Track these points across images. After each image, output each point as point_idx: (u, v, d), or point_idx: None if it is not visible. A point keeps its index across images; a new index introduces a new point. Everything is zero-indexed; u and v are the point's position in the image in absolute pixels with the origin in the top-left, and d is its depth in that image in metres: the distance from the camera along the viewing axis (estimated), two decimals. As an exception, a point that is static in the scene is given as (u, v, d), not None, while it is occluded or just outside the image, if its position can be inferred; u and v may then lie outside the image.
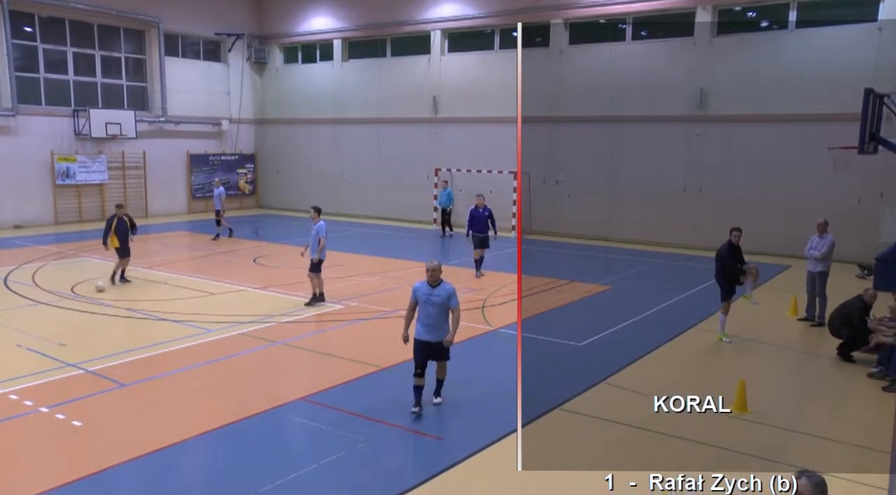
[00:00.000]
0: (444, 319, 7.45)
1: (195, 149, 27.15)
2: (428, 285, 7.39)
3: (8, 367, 8.89)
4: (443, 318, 7.43)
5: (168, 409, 7.72)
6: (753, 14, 19.37)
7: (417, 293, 7.43)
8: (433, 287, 7.38)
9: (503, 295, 13.26)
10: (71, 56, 23.87)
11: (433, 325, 7.41)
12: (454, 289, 7.45)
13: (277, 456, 6.59)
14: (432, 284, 7.37)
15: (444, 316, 7.43)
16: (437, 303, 7.35)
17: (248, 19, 28.45)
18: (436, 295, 7.36)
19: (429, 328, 7.42)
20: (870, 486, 5.97)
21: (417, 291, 7.44)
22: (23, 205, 22.44)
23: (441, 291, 7.38)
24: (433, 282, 7.38)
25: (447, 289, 7.39)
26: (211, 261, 16.97)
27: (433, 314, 7.37)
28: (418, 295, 7.42)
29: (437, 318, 7.39)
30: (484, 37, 23.57)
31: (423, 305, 7.39)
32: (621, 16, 20.65)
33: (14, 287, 13.60)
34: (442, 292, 7.37)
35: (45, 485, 5.96)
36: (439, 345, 7.46)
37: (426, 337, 7.46)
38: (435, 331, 7.44)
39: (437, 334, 7.45)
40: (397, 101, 25.04)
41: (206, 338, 10.40)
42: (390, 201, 25.54)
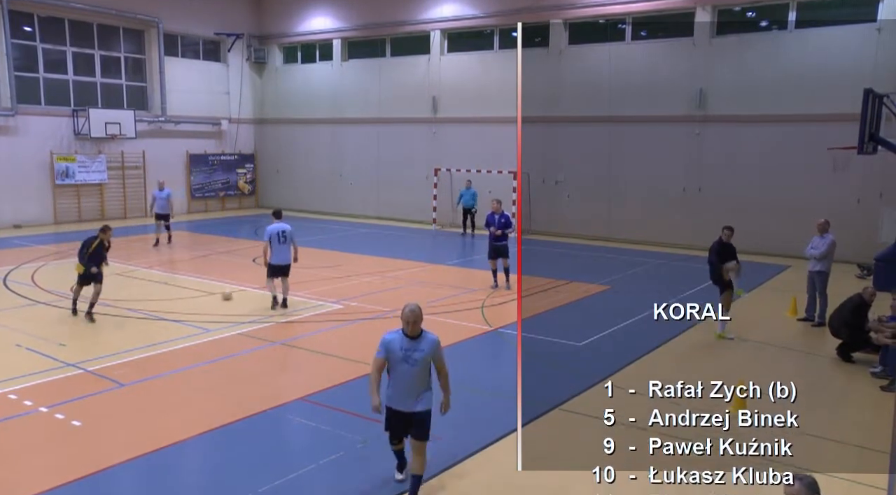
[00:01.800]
0: (426, 382, 5.76)
1: (195, 149, 27.14)
2: (405, 337, 5.66)
3: (7, 367, 8.89)
4: (425, 380, 5.75)
5: (167, 409, 7.71)
6: (753, 14, 19.37)
7: (390, 348, 5.64)
8: (412, 339, 5.66)
9: (503, 295, 13.25)
10: (70, 56, 23.86)
11: (411, 390, 5.71)
12: (439, 340, 5.80)
13: (277, 456, 6.58)
14: (412, 336, 5.66)
15: (426, 377, 5.74)
16: (420, 360, 5.64)
17: (248, 19, 28.44)
18: (418, 350, 5.64)
19: (406, 394, 5.71)
20: (869, 486, 5.97)
21: (390, 346, 5.65)
22: (22, 205, 22.42)
23: (424, 345, 5.67)
24: (413, 333, 5.66)
25: (431, 341, 5.71)
26: (211, 261, 16.95)
27: (413, 375, 5.66)
28: (391, 351, 5.64)
29: (417, 381, 5.70)
30: (484, 37, 23.56)
31: (399, 364, 5.65)
32: (621, 16, 20.64)
33: (13, 287, 13.60)
34: (426, 346, 5.67)
35: (44, 485, 5.95)
36: (421, 417, 5.76)
37: (403, 405, 5.73)
38: (414, 398, 5.72)
39: (418, 401, 5.73)
40: (397, 101, 25.03)
41: (205, 338, 10.39)
42: (390, 201, 25.53)
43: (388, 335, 5.70)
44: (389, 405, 5.78)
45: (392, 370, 5.70)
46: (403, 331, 5.67)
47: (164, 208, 18.75)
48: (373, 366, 5.74)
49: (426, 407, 5.78)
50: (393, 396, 5.76)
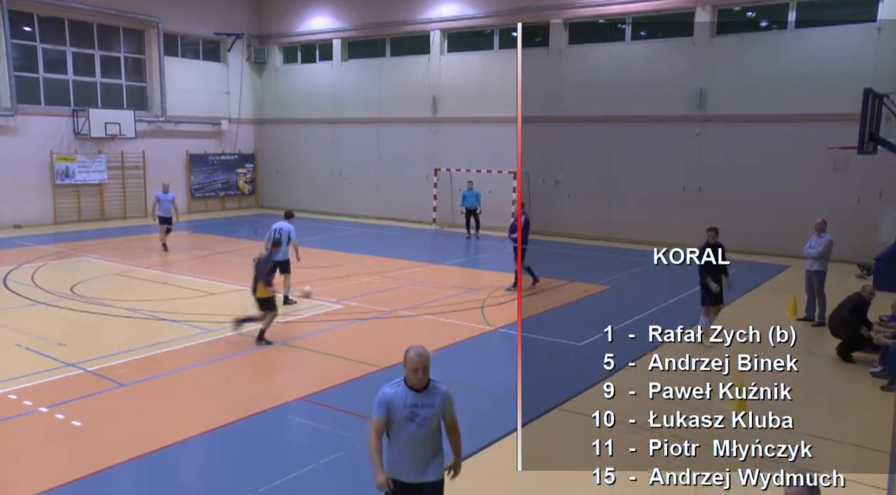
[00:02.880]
0: (437, 444, 4.60)
1: (194, 149, 27.13)
2: (409, 390, 4.47)
3: (7, 367, 8.89)
4: (435, 443, 4.58)
5: (167, 409, 7.71)
6: (753, 14, 19.38)
7: (392, 405, 4.45)
8: (419, 392, 4.48)
9: (503, 295, 13.25)
10: (70, 56, 23.86)
11: (419, 456, 4.53)
12: (450, 393, 4.60)
13: (277, 456, 6.59)
14: (418, 388, 4.48)
15: (436, 439, 4.58)
16: (430, 418, 4.48)
17: (248, 19, 28.44)
18: (426, 406, 4.48)
19: (413, 461, 4.52)
20: (869, 486, 5.97)
21: (392, 402, 4.45)
22: (22, 205, 22.42)
23: (434, 399, 4.50)
24: (421, 384, 4.48)
25: (443, 395, 4.54)
26: (211, 261, 16.95)
27: (421, 438, 4.49)
28: (394, 409, 4.45)
29: (426, 444, 4.53)
30: (483, 37, 23.56)
31: (403, 425, 4.46)
32: (621, 16, 20.64)
33: (13, 287, 13.59)
34: (436, 400, 4.51)
35: (44, 485, 5.95)
36: (433, 488, 4.59)
37: (409, 475, 4.52)
38: (422, 465, 4.54)
39: (427, 470, 4.55)
40: (397, 101, 25.03)
41: (205, 338, 10.39)
42: (390, 201, 25.53)
43: (388, 388, 4.50)
44: (391, 474, 4.51)
45: (394, 432, 4.50)
46: (406, 381, 4.47)
47: (167, 211, 17.74)
48: (371, 430, 4.49)
49: (438, 477, 4.59)
50: (396, 463, 4.53)
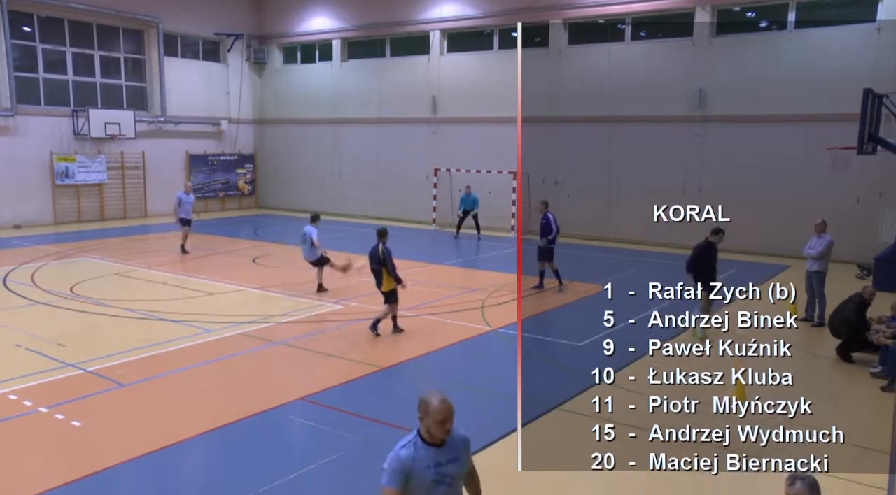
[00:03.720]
0: None
1: (194, 149, 27.13)
2: (428, 447, 3.70)
3: (7, 367, 8.89)
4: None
5: (167, 409, 7.71)
6: (752, 14, 19.38)
7: (414, 472, 3.65)
8: (439, 447, 3.72)
9: (502, 295, 13.25)
10: (70, 56, 23.86)
11: None
12: (467, 434, 3.87)
13: (277, 456, 6.58)
14: (439, 443, 3.71)
15: (461, 491, 3.91)
16: (458, 475, 3.80)
17: (248, 19, 28.44)
18: (452, 460, 3.76)
19: None
20: (869, 486, 5.97)
21: (413, 468, 3.65)
22: (22, 205, 22.42)
23: (456, 449, 3.78)
24: (444, 437, 3.72)
25: (465, 441, 3.84)
26: (211, 261, 16.95)
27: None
28: (416, 475, 3.66)
29: None
30: (483, 37, 23.57)
31: (430, 490, 3.69)
32: (620, 16, 20.65)
33: (13, 287, 13.59)
34: (461, 451, 3.80)
35: (44, 485, 5.95)
36: None
37: None
38: None
39: None
40: (396, 101, 25.03)
41: (205, 338, 10.39)
42: (389, 201, 25.52)
43: (403, 452, 3.67)
44: None
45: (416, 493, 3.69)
46: (422, 437, 3.71)
47: (189, 213, 18.16)
48: None
49: None
50: None
